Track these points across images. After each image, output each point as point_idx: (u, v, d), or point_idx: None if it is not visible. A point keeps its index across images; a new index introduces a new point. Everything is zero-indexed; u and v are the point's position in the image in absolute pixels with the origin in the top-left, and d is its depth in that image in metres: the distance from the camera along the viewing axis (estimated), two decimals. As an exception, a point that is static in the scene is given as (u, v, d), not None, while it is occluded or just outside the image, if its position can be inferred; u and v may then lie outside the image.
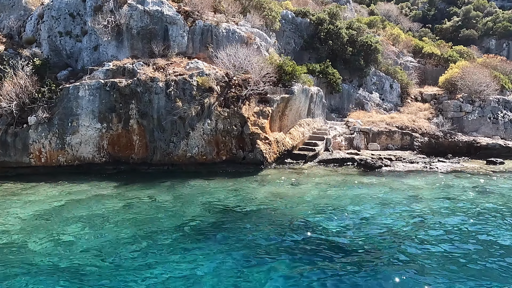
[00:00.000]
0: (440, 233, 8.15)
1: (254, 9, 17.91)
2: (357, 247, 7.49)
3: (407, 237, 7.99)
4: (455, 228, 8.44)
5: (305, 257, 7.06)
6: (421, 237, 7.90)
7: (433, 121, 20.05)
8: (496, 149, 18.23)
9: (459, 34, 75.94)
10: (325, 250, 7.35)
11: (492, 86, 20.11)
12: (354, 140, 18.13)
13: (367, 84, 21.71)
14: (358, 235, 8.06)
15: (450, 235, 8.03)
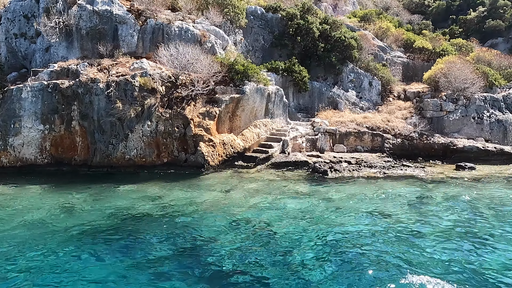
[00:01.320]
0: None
1: (213, 6, 17.33)
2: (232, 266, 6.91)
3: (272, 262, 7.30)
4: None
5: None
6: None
7: (410, 121, 18.73)
8: (473, 152, 16.74)
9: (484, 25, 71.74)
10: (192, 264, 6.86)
11: (477, 83, 18.46)
12: (318, 141, 17.23)
13: (343, 81, 20.58)
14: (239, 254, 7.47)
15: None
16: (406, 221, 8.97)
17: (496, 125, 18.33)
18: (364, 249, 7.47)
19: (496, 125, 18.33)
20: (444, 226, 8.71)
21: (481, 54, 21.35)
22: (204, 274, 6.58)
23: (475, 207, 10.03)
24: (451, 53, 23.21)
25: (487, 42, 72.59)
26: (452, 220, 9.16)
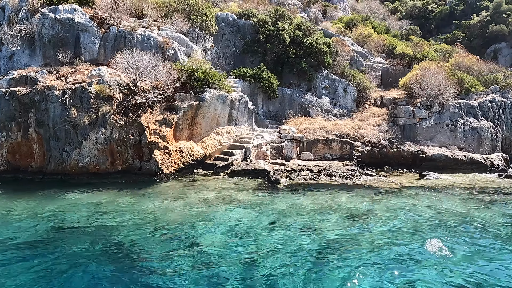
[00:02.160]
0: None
1: (179, 13, 17.32)
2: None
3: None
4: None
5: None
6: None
7: (383, 128, 18.34)
8: (441, 161, 16.25)
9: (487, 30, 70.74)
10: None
11: (451, 89, 17.98)
12: (284, 149, 16.96)
13: (317, 88, 20.30)
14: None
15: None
16: (327, 240, 8.54)
17: (471, 133, 17.80)
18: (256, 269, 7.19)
19: (470, 133, 17.80)
20: (365, 246, 8.29)
21: (461, 60, 20.83)
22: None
23: (407, 224, 9.51)
24: (433, 58, 22.76)
25: (490, 47, 71.56)
26: (368, 240, 8.70)
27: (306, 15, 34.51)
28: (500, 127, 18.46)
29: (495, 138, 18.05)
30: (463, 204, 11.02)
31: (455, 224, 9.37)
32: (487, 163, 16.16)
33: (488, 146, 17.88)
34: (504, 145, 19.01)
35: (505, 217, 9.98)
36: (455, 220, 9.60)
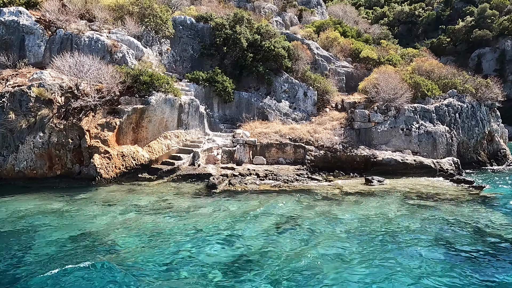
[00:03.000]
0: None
1: (131, 16, 17.19)
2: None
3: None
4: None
5: None
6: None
7: (339, 132, 18.23)
8: (391, 165, 16.15)
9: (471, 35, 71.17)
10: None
11: (406, 93, 17.92)
12: (236, 153, 16.79)
13: (277, 92, 20.20)
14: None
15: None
16: (235, 248, 8.38)
17: (425, 137, 17.71)
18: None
19: (425, 137, 17.71)
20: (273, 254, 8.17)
21: (421, 64, 20.81)
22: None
23: (321, 235, 9.34)
24: (397, 62, 22.76)
25: (474, 52, 72.03)
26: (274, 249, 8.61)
27: (281, 19, 34.61)
28: (456, 131, 18.40)
29: (450, 142, 17.98)
30: (391, 210, 10.86)
31: (370, 234, 9.22)
32: (436, 167, 16.07)
33: (443, 150, 17.80)
34: (461, 149, 18.95)
35: (424, 223, 9.83)
36: (372, 230, 9.44)
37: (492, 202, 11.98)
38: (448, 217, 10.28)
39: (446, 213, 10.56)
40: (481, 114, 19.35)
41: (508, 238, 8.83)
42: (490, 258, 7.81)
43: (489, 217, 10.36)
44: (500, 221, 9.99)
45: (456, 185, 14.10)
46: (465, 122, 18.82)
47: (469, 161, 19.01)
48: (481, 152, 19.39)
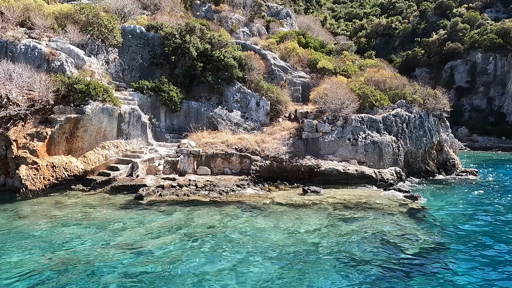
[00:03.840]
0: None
1: (74, 24, 16.94)
2: None
3: None
4: None
5: None
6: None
7: (287, 142, 18.14)
8: (333, 175, 16.10)
9: (444, 47, 73.09)
10: None
11: (352, 104, 18.00)
12: (180, 163, 16.49)
13: (229, 101, 20.09)
14: None
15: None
16: (134, 261, 8.11)
17: (371, 147, 17.76)
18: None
19: (371, 147, 17.76)
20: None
21: (373, 74, 21.04)
22: None
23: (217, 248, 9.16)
24: (352, 73, 22.98)
25: (447, 64, 73.77)
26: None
27: (249, 29, 34.86)
28: (404, 141, 18.53)
29: (396, 152, 18.08)
30: (310, 223, 10.68)
31: (281, 248, 9.03)
32: (377, 177, 16.07)
33: (389, 160, 17.87)
34: (410, 159, 19.07)
35: (336, 239, 9.69)
36: (275, 243, 9.25)
37: (417, 214, 11.94)
38: (365, 230, 10.14)
39: (364, 227, 10.43)
40: (429, 124, 19.56)
41: (414, 252, 8.71)
42: (393, 274, 7.68)
43: (407, 230, 10.26)
44: (415, 234, 9.88)
45: (391, 195, 14.09)
46: (413, 132, 18.98)
47: (418, 170, 19.13)
48: (430, 161, 19.55)
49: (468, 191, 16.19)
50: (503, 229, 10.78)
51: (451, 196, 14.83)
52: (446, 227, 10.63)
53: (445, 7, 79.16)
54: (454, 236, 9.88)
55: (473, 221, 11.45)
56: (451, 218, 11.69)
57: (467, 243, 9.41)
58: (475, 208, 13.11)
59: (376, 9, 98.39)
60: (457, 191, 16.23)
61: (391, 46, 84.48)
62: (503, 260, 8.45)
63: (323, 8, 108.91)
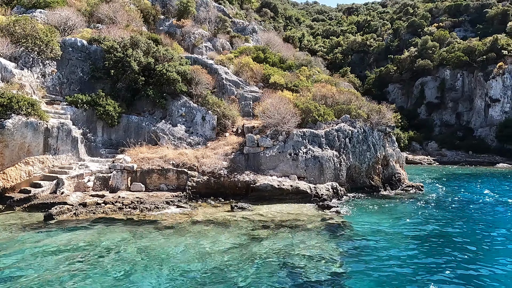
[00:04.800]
0: None
1: (12, 36, 16.51)
2: None
3: None
4: None
5: None
6: None
7: (229, 157, 17.83)
8: (267, 191, 15.79)
9: (415, 64, 75.16)
10: None
11: (293, 119, 17.91)
12: (112, 179, 15.92)
13: (173, 116, 19.75)
14: None
15: None
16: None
17: (312, 162, 17.59)
18: None
19: (312, 162, 17.59)
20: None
21: (321, 89, 21.12)
22: None
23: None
24: (302, 88, 23.03)
25: (418, 80, 75.67)
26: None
27: (212, 44, 34.96)
28: (346, 156, 18.44)
29: (338, 167, 17.96)
30: (221, 243, 10.26)
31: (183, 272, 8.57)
32: (312, 192, 15.85)
33: (331, 175, 17.71)
34: (354, 173, 18.95)
35: (239, 260, 9.29)
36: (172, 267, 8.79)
37: (338, 231, 11.64)
38: (273, 251, 9.76)
39: (275, 247, 10.02)
40: (373, 139, 19.59)
41: (308, 280, 8.31)
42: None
43: (317, 250, 9.85)
44: (322, 257, 9.43)
45: (319, 212, 13.82)
46: (356, 147, 18.94)
47: (362, 185, 19.01)
48: (375, 176, 19.49)
49: (404, 207, 16.08)
50: (408, 246, 10.56)
51: (384, 213, 14.62)
52: (363, 248, 10.19)
53: (417, 26, 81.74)
54: (364, 258, 9.46)
55: (391, 241, 11.12)
56: (371, 237, 11.34)
57: (375, 269, 8.83)
58: (400, 225, 12.89)
59: (353, 27, 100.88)
60: (394, 206, 16.09)
61: (366, 62, 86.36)
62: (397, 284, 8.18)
63: (302, 26, 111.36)
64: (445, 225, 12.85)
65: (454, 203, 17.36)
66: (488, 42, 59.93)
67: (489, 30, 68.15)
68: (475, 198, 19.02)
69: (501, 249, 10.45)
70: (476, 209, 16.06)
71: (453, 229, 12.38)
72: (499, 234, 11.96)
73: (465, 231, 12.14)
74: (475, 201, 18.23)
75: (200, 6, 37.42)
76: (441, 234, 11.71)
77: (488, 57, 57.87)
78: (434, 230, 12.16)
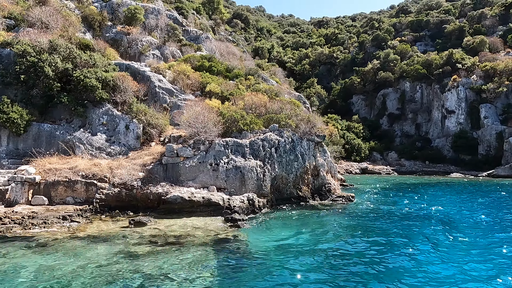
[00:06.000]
0: None
1: None
2: None
3: None
4: None
5: None
6: None
7: (147, 168, 16.96)
8: (177, 203, 15.01)
9: (377, 76, 77.07)
10: None
11: (214, 128, 17.31)
12: (10, 192, 14.71)
13: (93, 124, 18.75)
14: None
15: None
16: None
17: (233, 172, 16.97)
18: None
19: (233, 172, 16.96)
20: None
21: (253, 98, 20.69)
22: None
23: None
24: (236, 96, 22.55)
25: (380, 91, 77.33)
26: None
27: (160, 52, 34.21)
28: (271, 166, 17.94)
29: (261, 177, 17.39)
30: (91, 261, 9.37)
31: None
32: (224, 204, 15.18)
33: (253, 186, 17.11)
34: (281, 184, 18.45)
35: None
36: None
37: (227, 246, 10.95)
38: (139, 269, 8.96)
39: (143, 265, 9.23)
40: (301, 149, 19.23)
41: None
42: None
43: (187, 272, 9.06)
44: (192, 279, 8.71)
45: (221, 226, 13.12)
46: (283, 157, 18.49)
47: (289, 196, 18.52)
48: (304, 187, 19.05)
49: (321, 220, 15.43)
50: (297, 263, 9.97)
51: (295, 226, 13.96)
52: (243, 266, 9.39)
53: (381, 39, 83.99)
54: (240, 277, 8.70)
55: (282, 257, 10.34)
56: (260, 254, 10.45)
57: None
58: (304, 239, 12.22)
59: (321, 39, 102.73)
60: (311, 219, 15.51)
61: (333, 74, 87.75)
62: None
63: (273, 37, 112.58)
64: (347, 241, 12.09)
65: (375, 215, 16.66)
66: (444, 56, 62.11)
67: (447, 45, 70.79)
68: (401, 210, 18.53)
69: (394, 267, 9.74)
70: (390, 222, 15.25)
71: (351, 246, 11.59)
72: (397, 254, 11.11)
73: (363, 247, 11.56)
74: (397, 213, 17.40)
75: (152, 13, 36.73)
76: (340, 251, 11.01)
77: (444, 70, 59.90)
78: (334, 246, 11.32)
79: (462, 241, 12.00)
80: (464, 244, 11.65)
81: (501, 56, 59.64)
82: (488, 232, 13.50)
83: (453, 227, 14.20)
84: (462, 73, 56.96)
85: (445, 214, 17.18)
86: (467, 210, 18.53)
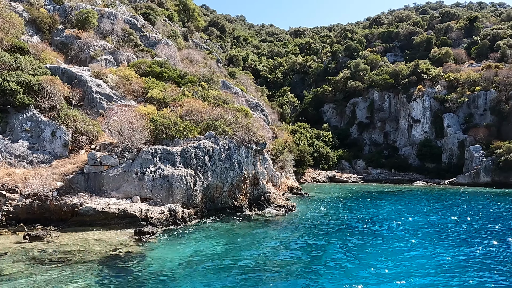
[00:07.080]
0: None
1: None
2: None
3: None
4: None
5: None
6: None
7: (68, 177, 15.87)
8: (90, 216, 13.98)
9: (347, 85, 77.94)
10: None
11: (139, 136, 16.43)
12: None
13: (15, 130, 17.55)
14: None
15: None
16: None
17: (160, 181, 16.08)
18: None
19: (160, 181, 16.07)
20: None
21: (192, 104, 19.97)
22: None
23: None
24: (180, 102, 21.78)
25: (350, 100, 77.94)
26: None
27: (114, 58, 33.13)
28: (204, 174, 17.15)
29: (191, 187, 16.56)
30: None
31: None
32: (141, 216, 14.27)
33: (182, 196, 16.25)
34: (215, 193, 17.65)
35: None
36: None
37: (118, 263, 10.04)
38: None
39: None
40: (239, 157, 18.54)
41: None
42: None
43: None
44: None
45: (129, 239, 12.19)
46: (217, 165, 17.74)
47: (224, 206, 17.73)
48: (241, 196, 18.32)
49: (246, 231, 14.52)
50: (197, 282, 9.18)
51: (212, 238, 13.15)
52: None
53: (353, 49, 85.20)
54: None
55: (178, 275, 9.53)
56: (165, 276, 9.60)
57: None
58: (211, 255, 11.33)
59: (296, 48, 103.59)
60: (238, 231, 14.71)
61: (306, 83, 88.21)
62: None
63: (249, 46, 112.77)
64: (265, 255, 11.52)
65: (307, 227, 15.67)
66: (410, 66, 63.34)
67: (416, 56, 72.35)
68: (339, 221, 17.69)
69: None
70: (315, 235, 14.37)
71: (266, 261, 10.91)
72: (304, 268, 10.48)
73: (282, 258, 10.88)
74: (332, 224, 16.56)
75: (107, 18, 35.70)
76: (250, 267, 10.22)
77: (410, 80, 60.96)
78: (246, 263, 10.58)
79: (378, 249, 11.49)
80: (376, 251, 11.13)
81: (465, 67, 61.29)
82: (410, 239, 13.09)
83: (375, 238, 13.73)
84: (427, 83, 58.11)
85: (375, 224, 16.76)
86: (402, 221, 18.17)
